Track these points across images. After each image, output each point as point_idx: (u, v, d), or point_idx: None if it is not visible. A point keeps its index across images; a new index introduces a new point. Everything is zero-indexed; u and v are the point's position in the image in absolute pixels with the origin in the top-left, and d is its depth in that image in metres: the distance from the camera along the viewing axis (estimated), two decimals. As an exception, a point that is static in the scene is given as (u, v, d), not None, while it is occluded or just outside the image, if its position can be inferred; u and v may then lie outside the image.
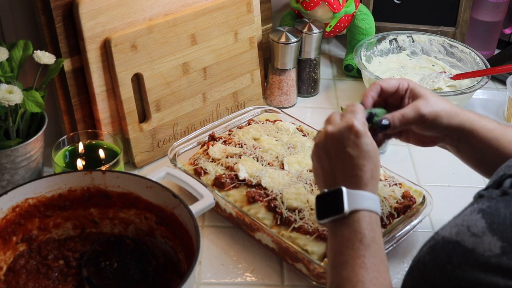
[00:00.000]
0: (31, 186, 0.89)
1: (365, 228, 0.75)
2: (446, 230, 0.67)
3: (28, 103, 0.95)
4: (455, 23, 1.54)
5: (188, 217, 0.84)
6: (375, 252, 0.74)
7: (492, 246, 0.60)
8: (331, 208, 0.77)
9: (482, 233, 0.62)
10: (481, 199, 0.69)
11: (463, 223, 0.66)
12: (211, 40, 1.20)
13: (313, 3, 1.37)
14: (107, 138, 1.09)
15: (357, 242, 0.74)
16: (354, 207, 0.76)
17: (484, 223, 0.63)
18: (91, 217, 0.95)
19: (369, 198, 0.77)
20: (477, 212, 0.66)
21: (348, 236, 0.75)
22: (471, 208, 0.68)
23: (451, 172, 1.20)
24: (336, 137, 0.80)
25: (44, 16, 1.03)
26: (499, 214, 0.64)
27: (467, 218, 0.66)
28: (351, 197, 0.76)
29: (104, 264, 0.90)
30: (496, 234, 0.61)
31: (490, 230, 0.62)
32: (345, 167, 0.79)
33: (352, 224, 0.75)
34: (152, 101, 1.14)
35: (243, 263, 0.98)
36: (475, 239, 0.62)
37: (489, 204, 0.66)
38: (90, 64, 1.06)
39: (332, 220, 0.78)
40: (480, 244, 0.61)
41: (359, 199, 0.76)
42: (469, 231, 0.64)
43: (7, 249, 0.89)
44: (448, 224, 0.68)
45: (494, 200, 0.67)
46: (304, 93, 1.41)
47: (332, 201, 0.77)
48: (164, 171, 0.94)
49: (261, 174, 1.02)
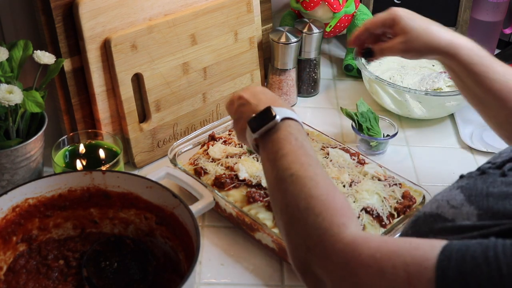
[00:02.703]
0: (31, 186, 0.89)
1: (296, 130, 0.79)
2: (427, 207, 0.71)
3: (28, 103, 0.95)
4: (455, 23, 1.54)
5: (188, 217, 0.85)
6: (309, 149, 0.77)
7: (470, 215, 0.64)
8: (264, 121, 0.80)
9: (460, 205, 0.66)
10: (461, 179, 0.73)
11: (443, 198, 0.70)
12: (211, 40, 1.20)
13: (313, 3, 1.37)
14: (107, 138, 1.09)
15: (293, 139, 0.77)
16: (284, 115, 0.80)
17: (462, 196, 0.67)
18: (91, 217, 0.95)
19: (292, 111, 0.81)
20: (456, 188, 0.70)
21: (283, 136, 0.78)
22: (451, 186, 0.72)
23: (451, 172, 1.20)
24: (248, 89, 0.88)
25: (44, 16, 1.03)
26: (477, 188, 0.68)
27: (446, 194, 0.70)
28: (278, 110, 0.80)
29: (104, 264, 0.90)
30: (473, 204, 0.65)
31: (468, 202, 0.66)
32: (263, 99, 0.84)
33: (284, 128, 0.79)
34: (152, 101, 1.14)
35: (243, 263, 0.98)
36: (454, 210, 0.66)
37: (468, 181, 0.70)
38: (90, 64, 1.06)
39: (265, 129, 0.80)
40: (459, 214, 0.65)
41: (284, 111, 0.80)
42: (449, 204, 0.67)
43: (7, 249, 0.89)
44: (429, 202, 0.72)
45: (473, 178, 0.71)
46: (304, 93, 1.41)
47: (263, 117, 0.80)
48: (164, 171, 0.94)
49: (261, 174, 1.02)
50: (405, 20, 0.94)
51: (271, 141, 0.79)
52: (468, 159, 1.25)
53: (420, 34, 0.93)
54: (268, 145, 0.79)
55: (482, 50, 0.93)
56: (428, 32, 0.94)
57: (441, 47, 0.93)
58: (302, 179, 0.71)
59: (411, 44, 0.94)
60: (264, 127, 0.80)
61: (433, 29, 0.94)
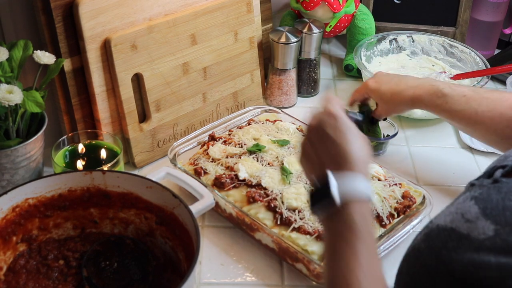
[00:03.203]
0: (31, 186, 0.89)
1: (358, 220, 0.73)
2: (440, 219, 0.68)
3: (28, 103, 0.95)
4: (455, 23, 1.54)
5: (188, 217, 0.84)
6: (369, 241, 0.73)
7: (485, 229, 0.62)
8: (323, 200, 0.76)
9: (475, 218, 0.64)
10: (472, 188, 0.71)
11: (457, 210, 0.67)
12: (211, 40, 1.20)
13: (313, 3, 1.37)
14: (107, 138, 1.09)
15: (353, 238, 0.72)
16: (345, 196, 0.74)
17: (477, 209, 0.65)
18: (91, 217, 0.95)
19: (359, 181, 0.75)
20: (469, 199, 0.67)
21: (342, 230, 0.73)
22: (464, 196, 0.69)
23: (451, 172, 1.20)
24: (315, 124, 0.81)
25: (44, 16, 1.03)
26: (491, 200, 0.65)
27: (460, 206, 0.68)
28: (341, 184, 0.74)
29: (104, 264, 0.90)
30: (489, 218, 0.63)
31: (483, 215, 0.63)
32: (330, 150, 0.78)
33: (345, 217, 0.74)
34: (152, 101, 1.14)
35: (243, 263, 0.98)
36: (469, 225, 0.64)
37: (481, 191, 0.68)
38: (90, 64, 1.06)
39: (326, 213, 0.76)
40: (475, 228, 0.63)
41: (349, 183, 0.74)
42: (463, 218, 0.65)
43: (7, 249, 0.89)
44: (442, 213, 0.70)
45: (486, 187, 0.68)
46: (304, 93, 1.41)
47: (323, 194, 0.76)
48: (164, 171, 0.94)
49: (261, 174, 1.02)
50: (374, 93, 1.12)
51: (327, 228, 0.76)
52: (468, 159, 1.25)
53: (389, 99, 1.10)
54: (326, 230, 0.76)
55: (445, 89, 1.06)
56: (394, 95, 1.09)
57: (408, 105, 1.10)
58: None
59: (388, 107, 1.11)
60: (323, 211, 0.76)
61: (398, 90, 1.09)
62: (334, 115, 0.80)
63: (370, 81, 1.13)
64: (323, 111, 0.81)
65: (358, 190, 0.74)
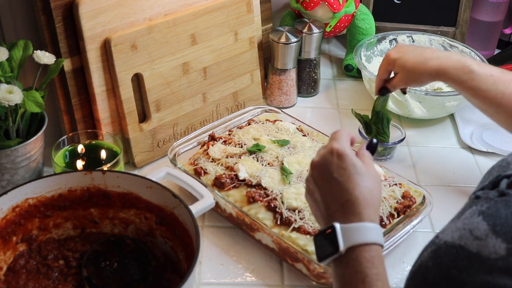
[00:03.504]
0: (31, 186, 0.89)
1: (366, 267, 0.70)
2: (447, 234, 0.66)
3: (28, 103, 0.94)
4: (455, 23, 1.54)
5: (188, 217, 0.84)
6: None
7: (497, 248, 0.60)
8: (327, 247, 0.73)
9: (485, 236, 0.62)
10: (478, 201, 0.68)
11: (464, 226, 0.65)
12: (211, 40, 1.20)
13: (313, 3, 1.37)
14: (107, 138, 1.09)
15: (360, 284, 0.69)
16: (350, 243, 0.70)
17: (486, 226, 0.63)
18: (91, 217, 0.95)
19: (366, 229, 0.72)
20: (477, 214, 0.65)
21: (348, 278, 0.70)
22: (470, 211, 0.67)
23: (451, 172, 1.20)
24: (321, 164, 0.77)
25: (44, 16, 1.03)
26: (500, 215, 0.63)
27: (467, 221, 0.65)
28: (346, 232, 0.71)
29: (104, 264, 0.90)
30: (499, 236, 0.61)
31: (493, 232, 0.62)
32: (335, 194, 0.75)
33: (351, 263, 0.70)
34: (152, 101, 1.14)
35: (243, 263, 0.98)
36: (479, 242, 0.62)
37: (488, 205, 0.66)
38: (90, 64, 1.06)
39: (331, 260, 0.73)
40: (485, 247, 0.61)
41: (355, 233, 0.71)
42: (472, 235, 0.63)
43: (7, 249, 0.89)
44: (449, 228, 0.67)
45: (493, 201, 0.66)
46: (304, 93, 1.41)
47: (328, 240, 0.72)
48: (164, 171, 0.94)
49: (261, 174, 1.02)
50: (398, 60, 1.07)
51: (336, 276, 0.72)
52: (468, 159, 1.25)
53: (412, 68, 1.06)
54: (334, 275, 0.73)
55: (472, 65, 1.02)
56: (418, 64, 1.05)
57: (432, 75, 1.05)
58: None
59: (409, 76, 1.07)
60: (327, 259, 0.73)
61: (423, 59, 1.05)
62: (339, 154, 0.76)
63: (391, 52, 1.09)
64: (327, 150, 0.77)
65: (366, 239, 0.71)
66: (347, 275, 0.70)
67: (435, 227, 1.06)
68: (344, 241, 0.71)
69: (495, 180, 0.70)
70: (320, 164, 0.77)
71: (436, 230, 1.06)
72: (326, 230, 0.73)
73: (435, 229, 1.06)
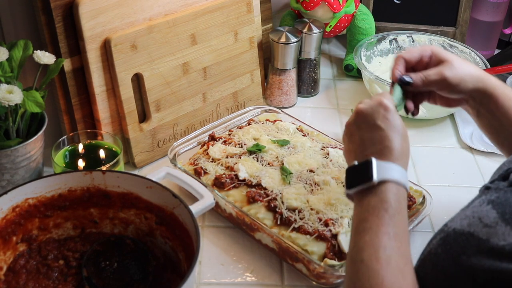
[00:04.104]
0: (31, 186, 0.89)
1: (392, 199, 0.74)
2: (456, 222, 0.67)
3: (28, 103, 0.95)
4: (455, 23, 1.54)
5: (188, 217, 0.84)
6: (399, 223, 0.73)
7: (506, 235, 0.61)
8: (360, 177, 0.77)
9: (495, 223, 0.63)
10: (488, 191, 0.70)
11: (473, 214, 0.66)
12: (211, 40, 1.20)
13: (313, 3, 1.37)
14: (107, 138, 1.09)
15: (382, 211, 0.73)
16: (383, 177, 0.76)
17: (495, 214, 0.64)
18: (91, 217, 0.95)
19: (398, 171, 0.77)
20: (486, 203, 0.66)
21: (374, 204, 0.74)
22: (480, 200, 0.68)
23: (451, 172, 1.20)
24: (367, 111, 0.83)
25: (44, 16, 1.03)
26: (510, 204, 0.64)
27: (477, 209, 0.67)
28: (380, 167, 0.76)
29: (104, 264, 0.90)
30: (509, 223, 0.62)
31: (502, 220, 0.63)
32: (375, 138, 0.80)
33: (379, 193, 0.75)
34: (152, 101, 1.14)
35: (243, 263, 0.98)
36: (489, 230, 0.63)
37: (497, 195, 0.67)
38: (90, 64, 1.06)
39: (360, 189, 0.77)
40: (494, 234, 0.62)
41: (388, 170, 0.76)
42: (481, 222, 0.64)
43: (7, 249, 0.89)
44: (458, 216, 0.69)
45: (502, 191, 0.68)
46: (304, 93, 1.41)
47: (361, 172, 0.78)
48: (164, 171, 0.94)
49: (261, 174, 1.02)
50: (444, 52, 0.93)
51: (361, 205, 0.76)
52: (468, 159, 1.25)
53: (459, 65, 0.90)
54: (357, 207, 0.77)
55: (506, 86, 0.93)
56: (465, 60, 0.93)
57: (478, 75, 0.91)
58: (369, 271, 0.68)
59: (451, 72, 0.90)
60: (357, 186, 0.77)
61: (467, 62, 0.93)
62: (385, 106, 0.82)
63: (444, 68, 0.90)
64: (375, 101, 0.83)
65: (397, 177, 0.76)
66: (372, 202, 0.74)
67: (435, 227, 1.06)
68: (377, 173, 0.76)
69: (505, 173, 0.71)
70: (366, 111, 0.83)
71: (436, 230, 1.06)
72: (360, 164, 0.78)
73: (435, 229, 1.06)
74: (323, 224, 0.94)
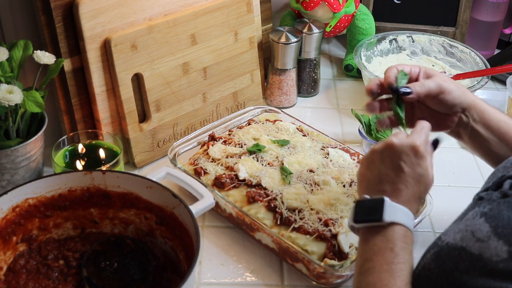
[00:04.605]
0: (31, 186, 0.89)
1: (398, 239, 0.74)
2: (449, 236, 0.67)
3: (28, 103, 0.95)
4: (455, 23, 1.54)
5: (188, 217, 0.84)
6: (404, 260, 0.73)
7: (498, 250, 0.61)
8: (370, 214, 0.77)
9: (487, 238, 0.62)
10: (481, 202, 0.69)
11: (466, 228, 0.65)
12: (211, 40, 1.20)
13: (313, 3, 1.37)
14: (107, 138, 1.09)
15: (388, 250, 0.73)
16: (393, 220, 0.75)
17: (488, 227, 0.63)
18: (91, 217, 0.95)
19: (408, 215, 0.77)
20: (479, 216, 0.65)
21: (380, 244, 0.74)
22: (473, 212, 0.67)
23: (451, 172, 1.20)
24: (397, 149, 0.80)
25: (44, 16, 1.03)
26: (502, 217, 0.64)
27: (470, 222, 0.66)
28: (391, 208, 0.76)
29: (104, 264, 0.90)
30: (501, 238, 0.61)
31: (495, 234, 0.62)
32: (393, 178, 0.79)
33: (386, 234, 0.75)
34: (152, 101, 1.14)
35: (243, 263, 0.98)
36: (481, 244, 0.62)
37: (490, 207, 0.66)
38: (90, 64, 1.06)
39: (367, 226, 0.77)
40: (486, 249, 0.61)
41: (399, 213, 0.76)
42: (474, 236, 0.63)
43: (7, 249, 0.89)
44: (451, 230, 0.68)
45: (495, 202, 0.66)
46: (304, 93, 1.41)
47: (372, 209, 0.77)
48: (164, 171, 0.94)
49: (261, 174, 1.02)
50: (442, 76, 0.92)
51: (366, 243, 0.76)
52: (468, 159, 1.25)
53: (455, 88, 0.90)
54: (362, 244, 0.77)
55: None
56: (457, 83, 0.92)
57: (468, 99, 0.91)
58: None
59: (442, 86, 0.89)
60: (365, 223, 0.77)
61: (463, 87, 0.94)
62: (419, 153, 0.79)
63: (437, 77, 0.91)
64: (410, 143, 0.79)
65: (405, 221, 0.75)
66: (378, 242, 0.74)
67: (435, 227, 1.06)
68: (388, 215, 0.75)
69: (499, 181, 0.70)
70: (396, 149, 0.80)
71: (436, 230, 1.06)
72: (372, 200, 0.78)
73: (435, 229, 1.06)
74: (323, 224, 0.94)
